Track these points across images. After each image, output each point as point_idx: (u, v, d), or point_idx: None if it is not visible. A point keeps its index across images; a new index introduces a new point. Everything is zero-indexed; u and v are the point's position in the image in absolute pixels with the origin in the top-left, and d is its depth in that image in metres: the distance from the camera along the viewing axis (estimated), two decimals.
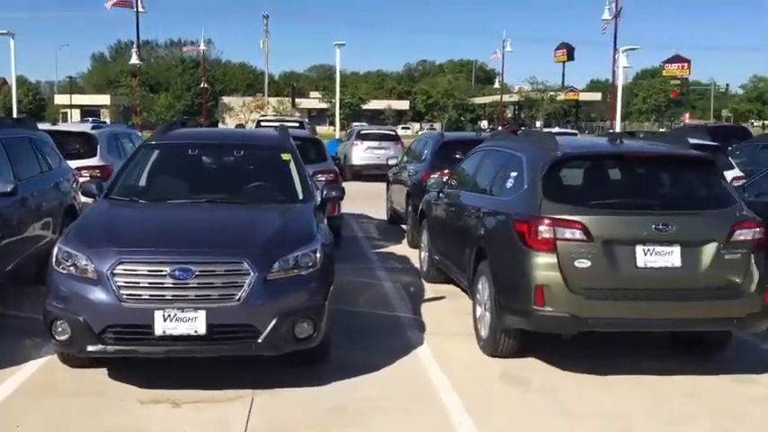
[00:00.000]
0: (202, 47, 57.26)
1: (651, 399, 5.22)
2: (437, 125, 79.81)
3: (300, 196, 6.30)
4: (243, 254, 4.97)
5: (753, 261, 5.51)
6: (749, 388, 5.50)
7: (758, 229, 5.59)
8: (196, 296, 4.84)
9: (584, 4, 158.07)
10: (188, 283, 4.84)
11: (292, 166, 6.62)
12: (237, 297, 4.86)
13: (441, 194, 8.22)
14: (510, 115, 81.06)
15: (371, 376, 5.52)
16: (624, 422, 4.81)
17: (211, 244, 5.14)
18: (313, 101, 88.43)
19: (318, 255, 5.21)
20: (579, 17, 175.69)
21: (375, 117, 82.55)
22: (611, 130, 31.58)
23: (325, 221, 6.34)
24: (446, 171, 9.37)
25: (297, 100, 65.98)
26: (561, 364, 5.78)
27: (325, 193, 6.43)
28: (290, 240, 5.26)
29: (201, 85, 58.67)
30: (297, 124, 22.31)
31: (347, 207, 12.19)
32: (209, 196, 6.21)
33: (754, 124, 68.45)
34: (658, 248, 5.43)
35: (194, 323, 4.80)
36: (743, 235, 5.53)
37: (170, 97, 79.41)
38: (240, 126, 23.42)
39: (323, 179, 9.75)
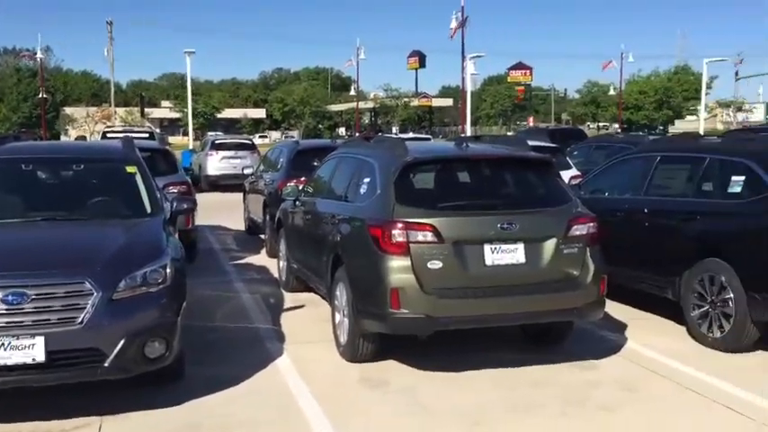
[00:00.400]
0: (40, 55, 53.80)
1: (504, 390, 5.46)
2: (295, 133, 79.54)
3: (148, 210, 6.05)
4: (84, 273, 4.69)
5: (588, 254, 5.91)
6: (590, 373, 5.88)
7: (592, 224, 6.01)
8: (33, 321, 4.51)
9: (435, 14, 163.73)
10: (23, 308, 4.51)
11: (138, 179, 6.33)
12: (80, 320, 4.57)
13: (297, 203, 8.19)
14: (367, 122, 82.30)
15: (229, 392, 5.39)
16: (480, 415, 5.00)
17: (48, 265, 4.81)
18: (164, 110, 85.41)
19: (168, 270, 5.02)
20: (431, 25, 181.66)
21: (231, 126, 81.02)
22: (462, 135, 32.86)
23: (177, 235, 6.13)
24: (302, 179, 9.34)
25: (147, 110, 63.32)
26: (419, 364, 5.91)
27: (175, 205, 6.22)
28: (136, 257, 5.03)
29: (40, 96, 55.04)
30: (146, 135, 21.43)
31: (203, 219, 11.87)
32: (45, 214, 5.83)
33: (590, 126, 73.72)
34: (504, 246, 5.69)
35: (31, 350, 4.47)
36: (579, 230, 5.91)
37: (5, 109, 73.86)
38: (81, 138, 22.12)
39: (174, 191, 9.42)
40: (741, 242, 6.36)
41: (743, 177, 6.51)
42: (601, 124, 74.10)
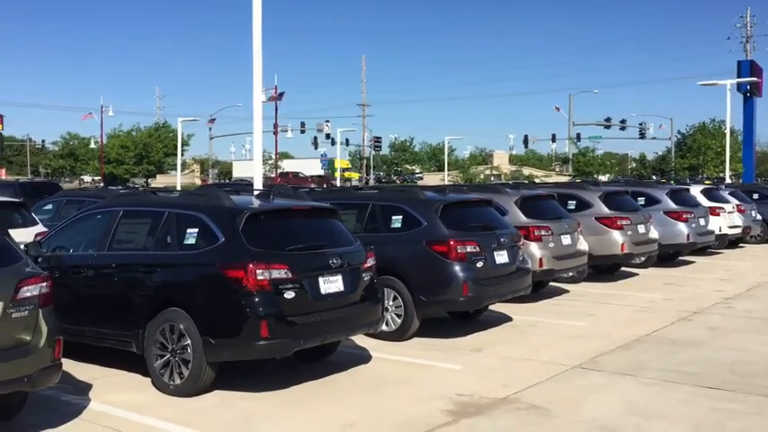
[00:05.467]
0: None
1: None
2: None
3: None
4: None
5: (41, 316, 5.54)
6: None
7: (45, 284, 5.66)
8: None
9: None
10: None
11: None
12: None
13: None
14: None
15: None
16: None
17: None
18: None
19: None
20: None
21: None
22: None
23: None
24: None
25: None
26: None
27: None
28: None
29: None
30: None
31: None
32: None
33: (65, 179, 70.68)
34: None
35: None
36: (29, 291, 5.50)
37: None
38: None
39: None
40: (196, 290, 6.81)
41: (197, 229, 7.00)
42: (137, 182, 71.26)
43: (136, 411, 6.18)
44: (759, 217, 21.52)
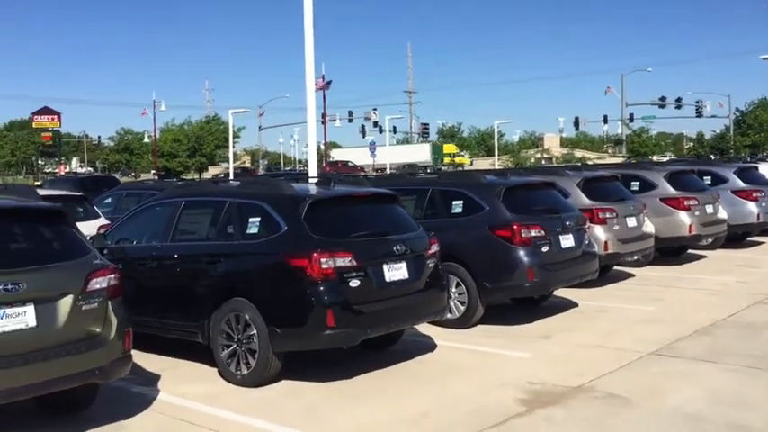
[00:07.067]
0: None
1: None
2: None
3: None
4: None
5: (110, 308, 5.53)
6: None
7: (113, 276, 5.65)
8: None
9: None
10: None
11: None
12: None
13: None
14: None
15: None
16: None
17: None
18: None
19: None
20: None
21: None
22: None
23: None
24: None
25: None
26: None
27: None
28: None
29: None
30: None
31: None
32: None
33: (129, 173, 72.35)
34: (9, 310, 4.96)
35: None
36: (98, 283, 5.50)
37: None
38: None
39: None
40: (259, 280, 6.74)
41: (259, 218, 6.93)
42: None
43: (205, 402, 6.16)
44: None
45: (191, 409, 6.02)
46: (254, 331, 6.52)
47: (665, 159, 48.97)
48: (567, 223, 9.25)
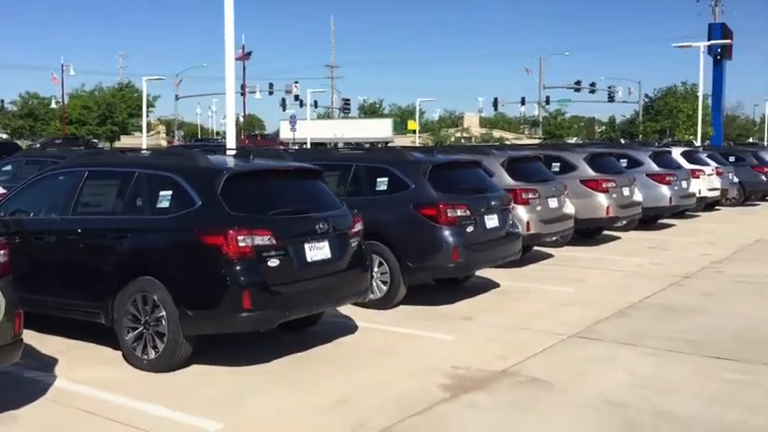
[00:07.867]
0: None
1: None
2: None
3: None
4: None
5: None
6: (6, 427, 4.97)
7: (2, 252, 5.08)
8: None
9: None
10: None
11: None
12: None
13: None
14: None
15: None
16: None
17: None
18: None
19: None
20: None
21: None
22: None
23: None
24: None
25: None
26: None
27: None
28: None
29: None
30: None
31: None
32: None
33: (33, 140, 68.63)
34: None
35: None
36: None
37: None
38: None
39: None
40: (170, 258, 6.27)
41: (170, 192, 6.43)
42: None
43: (106, 389, 5.67)
44: (736, 180, 21.47)
45: (90, 396, 5.53)
46: (163, 313, 6.05)
47: (576, 141, 50.25)
48: (493, 203, 9.12)
